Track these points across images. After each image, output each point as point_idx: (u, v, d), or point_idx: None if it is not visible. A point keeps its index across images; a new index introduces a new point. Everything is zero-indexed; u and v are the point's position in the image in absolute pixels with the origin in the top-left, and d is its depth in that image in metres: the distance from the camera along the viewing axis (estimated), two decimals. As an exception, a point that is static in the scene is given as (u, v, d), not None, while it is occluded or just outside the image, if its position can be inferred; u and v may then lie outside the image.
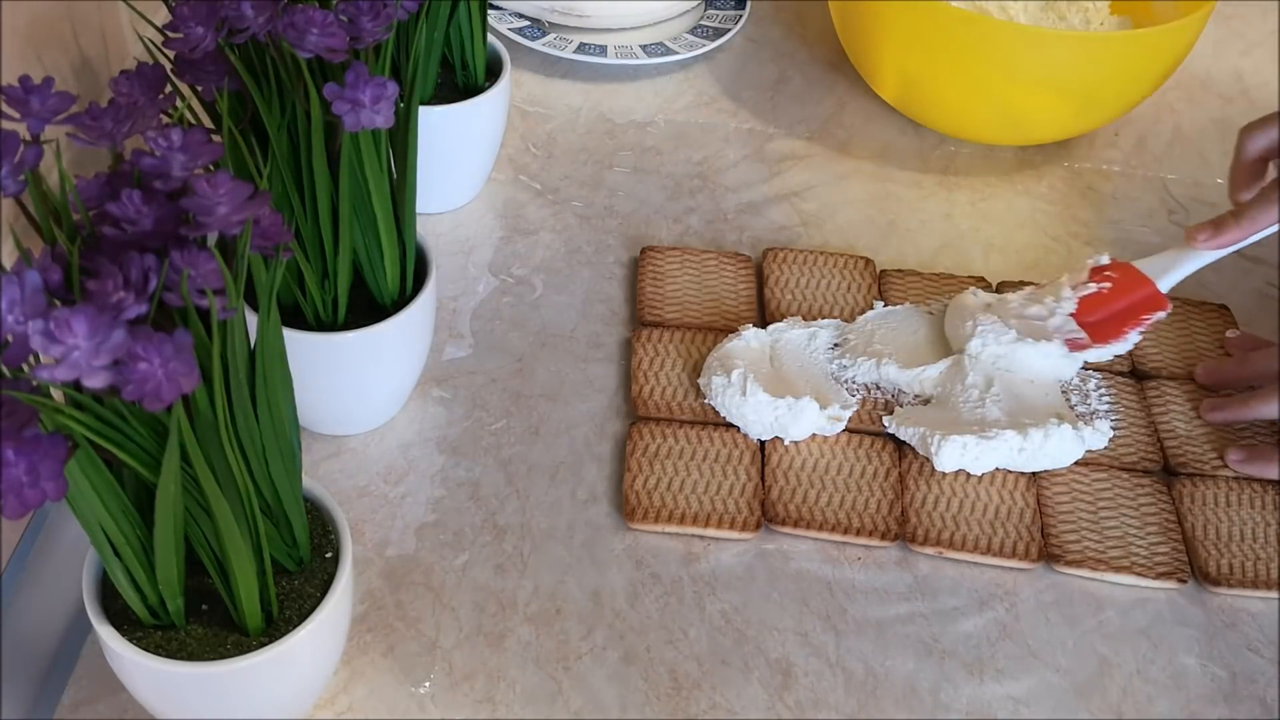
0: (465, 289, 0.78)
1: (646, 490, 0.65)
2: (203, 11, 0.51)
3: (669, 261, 0.79)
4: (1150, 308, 0.73)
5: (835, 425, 0.68)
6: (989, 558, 0.64)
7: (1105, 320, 0.73)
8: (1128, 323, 0.72)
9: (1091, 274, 0.74)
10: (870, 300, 0.78)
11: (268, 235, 0.44)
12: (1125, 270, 0.75)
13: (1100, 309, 0.73)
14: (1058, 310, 0.73)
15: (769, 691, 0.58)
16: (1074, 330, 0.72)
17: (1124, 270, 0.75)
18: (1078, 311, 0.73)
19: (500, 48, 0.82)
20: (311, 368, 0.60)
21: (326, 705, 0.56)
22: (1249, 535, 0.66)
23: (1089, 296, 0.73)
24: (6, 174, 0.41)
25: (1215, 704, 0.60)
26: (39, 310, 0.36)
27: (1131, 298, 0.73)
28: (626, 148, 0.91)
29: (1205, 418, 0.72)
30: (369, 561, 0.62)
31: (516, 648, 0.59)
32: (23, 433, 0.36)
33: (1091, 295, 0.73)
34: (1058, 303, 0.73)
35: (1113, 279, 0.74)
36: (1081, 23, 0.91)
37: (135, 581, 0.46)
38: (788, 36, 1.05)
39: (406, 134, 0.60)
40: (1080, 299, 0.73)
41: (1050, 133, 0.92)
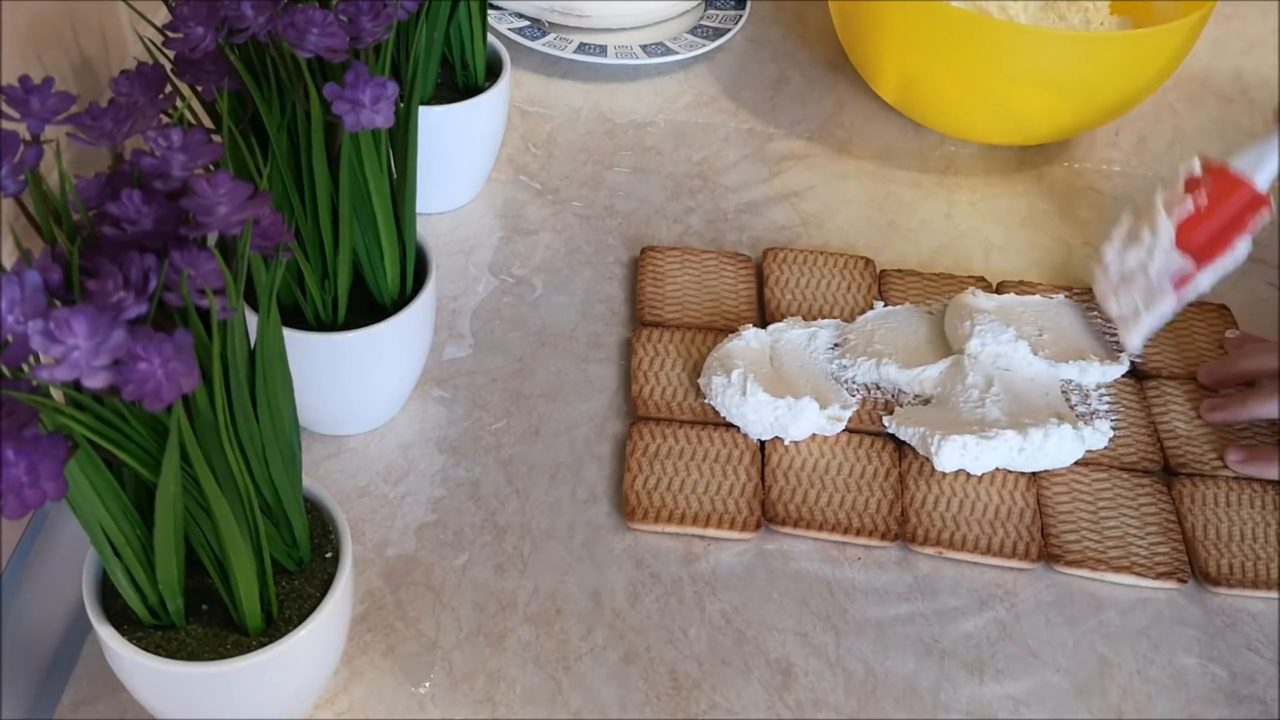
0: (465, 289, 0.78)
1: (646, 490, 0.65)
2: (203, 11, 0.51)
3: (669, 261, 0.79)
4: (1253, 209, 0.69)
5: (835, 425, 0.68)
6: (989, 558, 0.64)
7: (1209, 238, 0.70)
8: (1233, 231, 0.69)
9: (1186, 185, 0.71)
10: (870, 300, 0.78)
11: (268, 235, 0.44)
12: (1219, 176, 0.71)
13: (1201, 227, 0.70)
14: (1156, 248, 0.70)
15: (769, 691, 0.58)
16: (1179, 263, 0.69)
17: (1218, 176, 0.71)
18: (1178, 238, 0.70)
19: (500, 48, 0.82)
20: (311, 368, 0.60)
21: (326, 705, 0.56)
22: (1249, 535, 0.66)
23: (1187, 218, 0.70)
24: (6, 174, 0.41)
25: (1215, 704, 0.60)
26: (39, 310, 0.36)
27: (1232, 205, 0.70)
28: (626, 148, 0.91)
29: (1205, 418, 0.72)
30: (369, 561, 0.62)
31: (516, 648, 0.59)
32: (23, 433, 0.36)
33: (1190, 215, 0.70)
34: (1155, 236, 0.70)
35: (1208, 188, 0.71)
36: (1081, 23, 0.91)
37: (135, 581, 0.46)
38: (788, 36, 1.05)
39: (406, 134, 0.60)
40: (1179, 223, 0.70)
41: (1050, 133, 0.92)
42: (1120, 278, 0.72)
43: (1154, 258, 0.70)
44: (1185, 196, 0.71)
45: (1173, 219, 0.70)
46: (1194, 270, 0.70)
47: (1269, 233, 0.88)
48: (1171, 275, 0.70)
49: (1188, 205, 0.70)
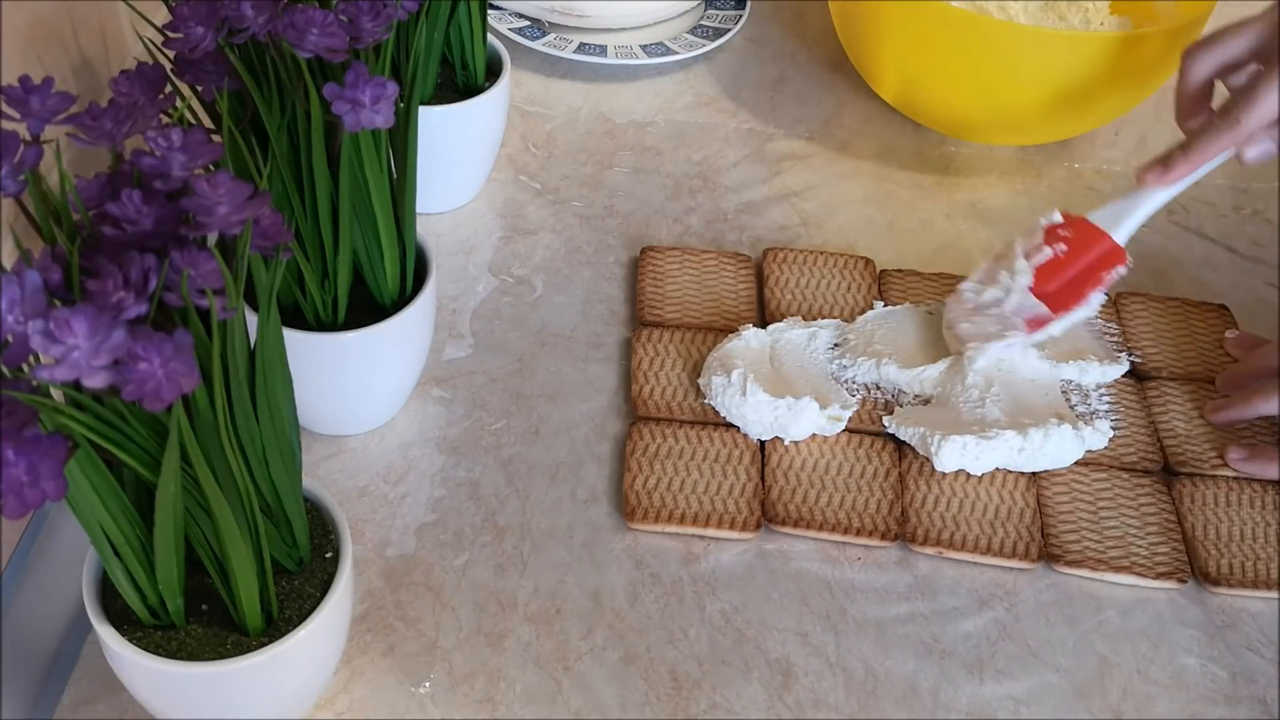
0: (465, 289, 0.78)
1: (646, 490, 0.65)
2: (203, 11, 0.51)
3: (669, 261, 0.79)
4: (1109, 263, 0.70)
5: (835, 425, 0.68)
6: (989, 558, 0.64)
7: (1065, 286, 0.70)
8: (1088, 284, 0.69)
9: (1046, 235, 0.71)
10: (870, 300, 0.78)
11: (268, 235, 0.44)
12: (1080, 226, 0.71)
13: (1058, 275, 0.70)
14: (1013, 288, 0.70)
15: (769, 691, 0.58)
16: (1033, 307, 0.69)
17: (1078, 226, 0.71)
18: (1035, 282, 0.70)
19: (500, 48, 0.82)
20: (311, 368, 0.60)
21: (326, 705, 0.56)
22: (1249, 535, 0.66)
23: (1045, 264, 0.70)
24: (6, 174, 0.41)
25: (1215, 704, 0.60)
26: (39, 310, 0.36)
27: (1089, 256, 0.70)
28: (626, 148, 0.91)
29: (1209, 419, 0.72)
30: (369, 561, 0.62)
31: (516, 648, 0.59)
32: (23, 433, 0.36)
33: (1048, 262, 0.70)
34: (1013, 278, 0.70)
35: (1067, 238, 0.71)
36: (1081, 23, 0.91)
37: (135, 581, 0.46)
38: (788, 36, 1.05)
39: (406, 134, 0.60)
40: (1036, 268, 0.70)
41: (1050, 133, 0.92)
42: (974, 308, 0.72)
43: (1010, 298, 0.70)
44: (1044, 245, 0.71)
45: (1031, 264, 0.70)
46: (1049, 315, 0.69)
47: (1269, 233, 0.88)
48: (1026, 316, 0.70)
49: (1046, 252, 0.70)
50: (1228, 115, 0.66)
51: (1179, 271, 0.84)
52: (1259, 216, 0.90)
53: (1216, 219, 0.90)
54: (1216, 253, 0.86)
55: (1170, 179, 0.69)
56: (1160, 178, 0.69)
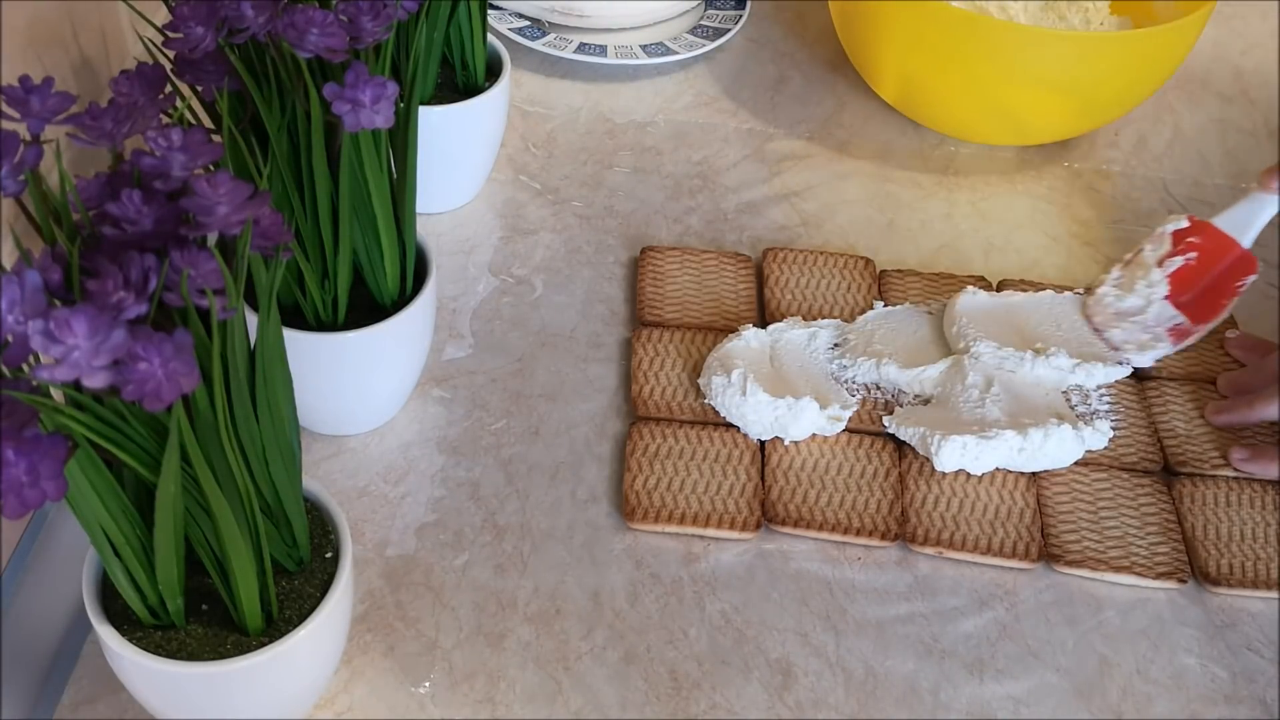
0: (465, 289, 0.78)
1: (646, 490, 0.65)
2: (203, 11, 0.51)
3: (669, 261, 0.79)
4: (1241, 272, 0.70)
5: (835, 425, 0.68)
6: (989, 558, 0.64)
7: (1200, 296, 0.71)
8: (1223, 294, 0.70)
9: (1174, 240, 0.72)
10: (870, 300, 0.78)
11: (268, 235, 0.44)
12: (1208, 232, 0.72)
13: (1192, 284, 0.71)
14: (1152, 298, 0.70)
15: (769, 691, 0.58)
16: (1173, 317, 0.70)
17: (1207, 233, 0.72)
18: (1171, 291, 0.70)
19: (500, 48, 0.82)
20: (311, 368, 0.60)
21: (326, 705, 0.56)
22: (1249, 535, 0.66)
23: (1178, 271, 0.71)
24: (6, 174, 0.41)
25: (1215, 704, 0.60)
26: (39, 310, 0.36)
27: (1221, 264, 0.71)
28: (626, 148, 0.91)
29: (1211, 420, 0.71)
30: (369, 561, 0.62)
31: (516, 648, 0.59)
32: (23, 433, 0.36)
33: (1180, 269, 0.71)
34: (1150, 288, 0.71)
35: (1196, 245, 0.71)
36: (1081, 23, 0.91)
37: (135, 581, 0.46)
38: (788, 36, 1.05)
39: (406, 134, 0.60)
40: (1169, 276, 0.71)
41: (1050, 133, 0.92)
42: (1117, 314, 0.73)
43: (1150, 307, 0.72)
44: (1174, 254, 0.72)
45: (1164, 272, 0.71)
46: (1191, 326, 0.71)
47: (1269, 233, 0.88)
48: (1167, 326, 0.71)
49: (1178, 261, 0.71)
50: None
51: (1179, 271, 0.84)
52: (1259, 216, 0.90)
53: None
54: (1216, 253, 0.86)
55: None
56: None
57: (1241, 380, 0.73)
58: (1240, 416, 0.71)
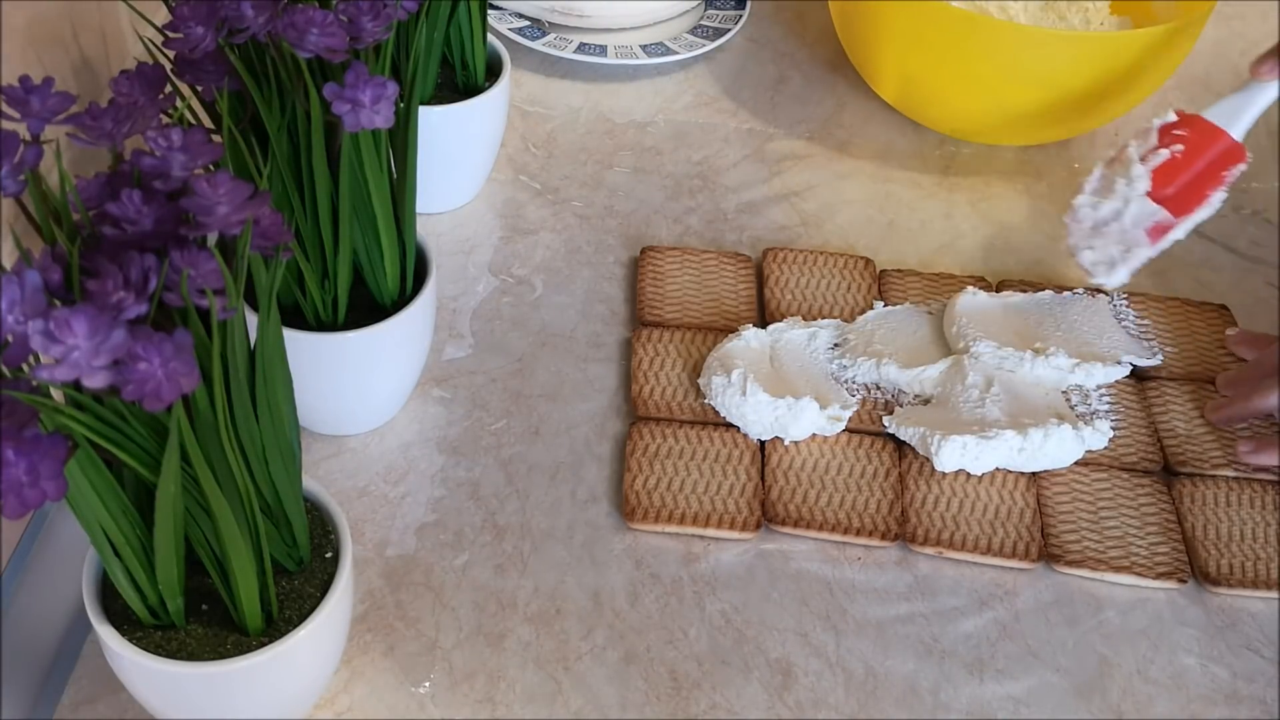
0: (465, 289, 0.78)
1: (646, 490, 0.65)
2: (203, 11, 0.51)
3: (669, 261, 0.79)
4: (1229, 161, 0.68)
5: (835, 425, 0.68)
6: (989, 558, 0.64)
7: (1184, 188, 0.68)
8: (1209, 184, 0.68)
9: (1160, 135, 0.70)
10: (870, 300, 0.78)
11: (268, 235, 0.44)
12: (1195, 124, 0.70)
13: (1176, 177, 0.69)
14: (1131, 196, 0.68)
15: (769, 691, 0.58)
16: (1154, 213, 0.67)
17: (1194, 124, 0.70)
18: (1153, 186, 0.68)
19: (500, 48, 0.82)
20: (311, 368, 0.60)
21: (326, 705, 0.56)
22: (1249, 535, 0.66)
23: (1162, 165, 0.69)
24: (6, 174, 0.41)
25: (1215, 704, 0.60)
26: (39, 310, 0.36)
27: (1208, 155, 0.69)
28: (626, 148, 0.91)
29: (1210, 418, 0.71)
30: (369, 561, 0.62)
31: (516, 648, 0.59)
32: (23, 433, 0.36)
33: (1164, 163, 0.69)
34: (1130, 185, 0.68)
35: (1183, 137, 0.69)
36: (1081, 23, 0.91)
37: (135, 581, 0.46)
38: (788, 36, 1.05)
39: (406, 134, 0.60)
40: (1153, 171, 0.68)
41: (1050, 133, 0.92)
42: (1094, 227, 0.70)
43: (1129, 207, 0.69)
44: (1160, 147, 0.69)
45: (1147, 167, 0.69)
46: (1171, 221, 0.68)
47: (1269, 233, 0.88)
48: (1146, 225, 0.68)
49: (1163, 154, 0.69)
50: None
51: (1179, 271, 0.84)
52: (1259, 216, 0.90)
53: (1217, 219, 0.89)
54: (1216, 253, 0.86)
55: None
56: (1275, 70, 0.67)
57: (1240, 377, 0.73)
58: (1238, 410, 0.71)
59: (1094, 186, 0.71)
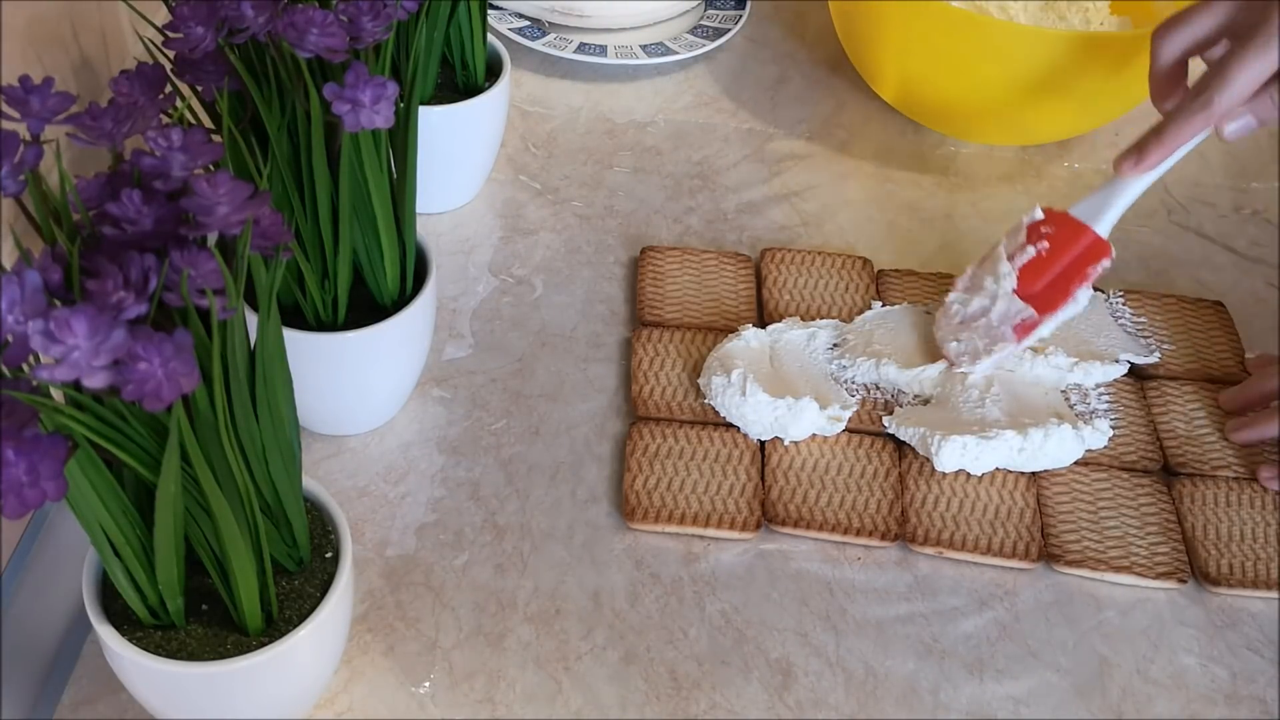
0: (465, 289, 0.78)
1: (646, 490, 0.65)
2: (203, 11, 0.51)
3: (669, 261, 0.79)
4: (1094, 257, 0.68)
5: (835, 425, 0.68)
6: (989, 558, 0.64)
7: (1050, 285, 0.69)
8: (1073, 280, 0.68)
9: (1029, 233, 0.70)
10: (868, 300, 0.78)
11: (268, 235, 0.44)
12: (1061, 221, 0.70)
13: (1043, 274, 0.69)
14: (998, 293, 0.69)
15: (769, 691, 0.58)
16: (1020, 310, 0.68)
17: (1060, 221, 0.70)
18: (1020, 284, 0.69)
19: (500, 48, 0.82)
20: (311, 368, 0.60)
21: (326, 705, 0.56)
22: (1249, 535, 0.66)
23: (1029, 263, 0.69)
24: (6, 174, 0.41)
25: (1215, 704, 0.60)
26: (39, 310, 0.36)
27: (1073, 252, 0.69)
28: (626, 148, 0.91)
29: (1232, 439, 0.70)
30: (369, 561, 0.62)
31: (516, 648, 0.59)
32: (23, 433, 0.36)
33: (1031, 261, 0.69)
34: (998, 283, 0.69)
35: (1049, 235, 0.70)
36: (1081, 23, 0.91)
37: (135, 581, 0.46)
38: (788, 36, 1.05)
39: (406, 134, 0.60)
40: (1020, 269, 0.69)
41: (1050, 133, 0.92)
42: (961, 321, 0.71)
43: (996, 304, 0.69)
44: (1027, 245, 0.70)
45: (1014, 266, 0.69)
46: (1036, 319, 0.68)
47: (1269, 233, 0.88)
48: (1013, 322, 0.69)
49: (1029, 251, 0.69)
50: (1200, 95, 0.64)
51: (1179, 271, 0.84)
52: (1259, 216, 0.90)
53: (1216, 219, 0.90)
54: (1216, 252, 0.86)
55: (1146, 166, 0.68)
56: (1136, 165, 0.68)
57: (1246, 393, 0.72)
58: (1261, 432, 0.70)
59: (964, 285, 0.72)
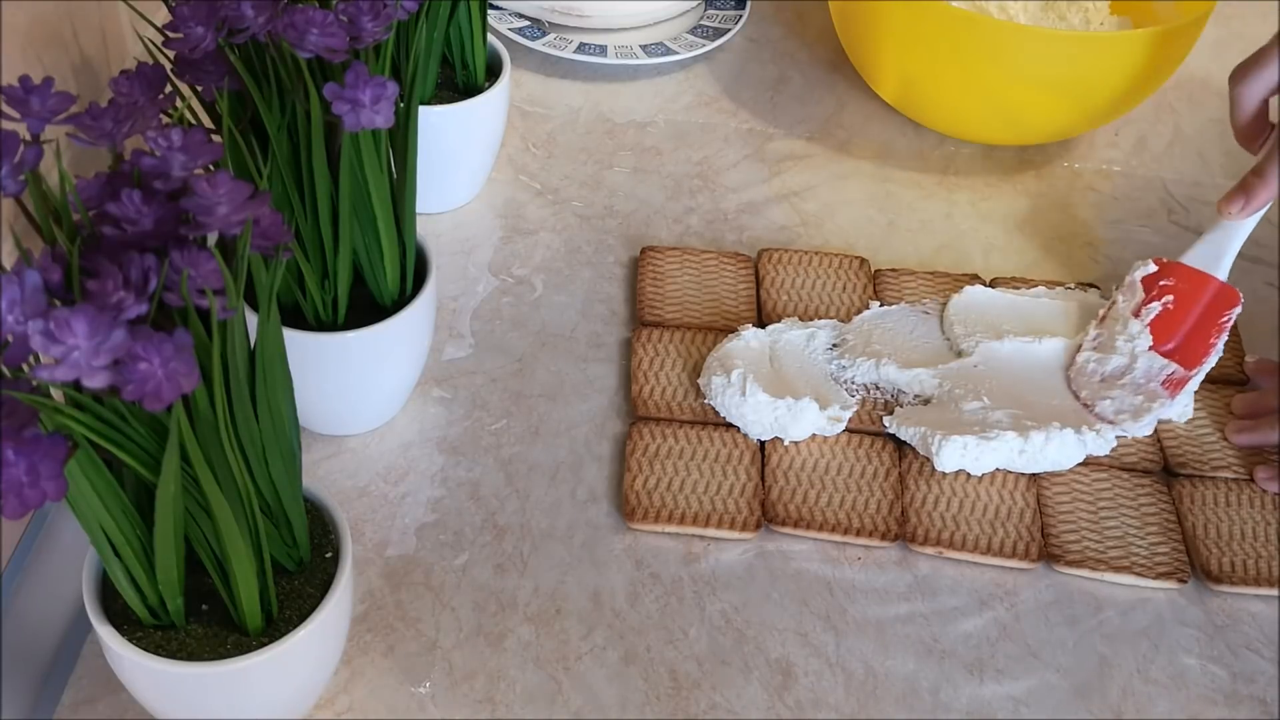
0: (465, 289, 0.78)
1: (646, 490, 0.65)
2: (203, 11, 0.51)
3: (669, 261, 0.79)
4: (1225, 305, 0.69)
5: (835, 426, 0.68)
6: (989, 558, 0.64)
7: (1186, 340, 0.69)
8: (1210, 331, 0.68)
9: (1146, 287, 0.70)
10: (865, 300, 0.78)
11: (268, 235, 0.44)
12: (1179, 272, 0.70)
13: (1175, 328, 0.69)
14: (1137, 352, 0.69)
15: (769, 691, 0.58)
16: (1165, 367, 0.68)
17: (1178, 273, 0.70)
18: (1154, 341, 0.68)
19: (500, 48, 0.82)
20: (311, 368, 0.60)
21: (326, 705, 0.56)
22: (1249, 535, 0.66)
23: (1157, 318, 0.69)
24: (6, 174, 0.41)
25: (1215, 704, 0.60)
26: (39, 310, 0.36)
27: (1200, 302, 0.69)
28: (626, 148, 0.91)
29: (1233, 440, 0.71)
30: (369, 561, 0.62)
31: (516, 648, 0.59)
32: (23, 433, 0.36)
33: (1159, 316, 0.69)
34: (1131, 341, 0.69)
35: (1171, 288, 0.70)
36: (1081, 23, 0.91)
37: (135, 581, 0.46)
38: (788, 36, 1.05)
39: (406, 134, 0.60)
40: (1149, 325, 0.69)
41: (1050, 133, 0.92)
42: (1103, 380, 0.70)
43: (1137, 362, 0.69)
44: (1149, 301, 0.70)
45: (1143, 323, 0.69)
46: (1185, 374, 0.68)
47: (1269, 233, 0.88)
48: (1159, 379, 0.69)
49: (1155, 308, 0.70)
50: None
51: (1179, 271, 0.84)
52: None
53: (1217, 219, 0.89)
54: (1216, 253, 0.86)
55: (1253, 208, 0.69)
56: (1244, 209, 0.68)
57: (1260, 401, 0.72)
58: (1263, 437, 0.70)
59: (1093, 343, 0.71)
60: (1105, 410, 0.69)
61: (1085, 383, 0.71)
